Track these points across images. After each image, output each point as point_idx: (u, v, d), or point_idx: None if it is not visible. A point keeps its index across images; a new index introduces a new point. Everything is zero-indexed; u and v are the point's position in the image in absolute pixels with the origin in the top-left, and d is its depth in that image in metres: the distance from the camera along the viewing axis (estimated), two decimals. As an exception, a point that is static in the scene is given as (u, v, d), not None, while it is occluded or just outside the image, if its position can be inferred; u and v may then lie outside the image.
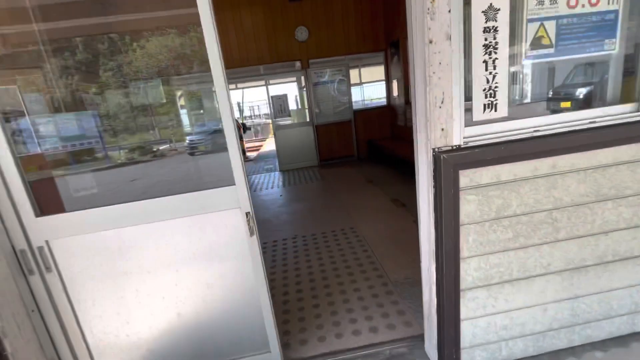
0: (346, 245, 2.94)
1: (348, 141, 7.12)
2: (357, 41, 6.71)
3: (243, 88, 10.17)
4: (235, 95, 12.36)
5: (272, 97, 6.69)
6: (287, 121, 6.98)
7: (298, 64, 6.81)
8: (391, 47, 6.50)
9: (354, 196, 4.40)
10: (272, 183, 5.93)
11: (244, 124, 9.74)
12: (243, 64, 6.55)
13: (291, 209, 4.25)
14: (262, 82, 7.01)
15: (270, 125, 6.77)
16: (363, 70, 7.39)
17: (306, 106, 6.94)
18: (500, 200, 1.34)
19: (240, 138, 9.51)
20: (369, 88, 7.60)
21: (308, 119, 6.89)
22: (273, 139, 6.87)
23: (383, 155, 6.90)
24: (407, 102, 6.18)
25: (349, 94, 6.61)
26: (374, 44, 6.78)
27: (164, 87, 2.67)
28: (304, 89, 6.87)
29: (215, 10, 1.31)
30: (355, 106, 6.95)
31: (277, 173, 6.84)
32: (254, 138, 17.14)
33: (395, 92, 6.72)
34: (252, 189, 5.67)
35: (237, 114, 14.46)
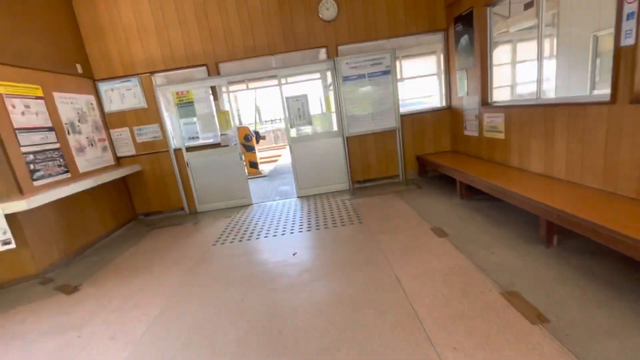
0: None
1: (391, 157, 5.19)
2: (406, 19, 4.78)
3: (256, 88, 8.51)
4: (247, 96, 10.65)
5: (287, 98, 4.91)
6: (307, 130, 5.18)
7: (323, 52, 4.99)
8: (456, 24, 4.51)
9: (421, 273, 2.47)
10: (285, 221, 4.12)
11: (257, 133, 8.05)
12: (248, 54, 4.81)
13: (307, 297, 2.39)
14: (275, 80, 5.26)
15: (287, 136, 4.99)
16: (412, 60, 5.45)
17: (333, 110, 5.10)
18: None
19: (250, 149, 7.81)
20: (419, 84, 5.65)
21: (336, 128, 5.04)
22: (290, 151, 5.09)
23: (442, 178, 4.92)
24: (486, 103, 4.16)
25: (395, 93, 4.68)
26: (430, 22, 4.82)
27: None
28: (331, 87, 5.04)
29: None
30: (402, 109, 5.01)
31: (294, 201, 5.03)
32: (274, 145, 15.52)
33: (457, 90, 4.71)
34: (253, 232, 3.88)
35: (250, 120, 12.85)
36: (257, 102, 9.55)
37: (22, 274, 3.32)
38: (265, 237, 3.68)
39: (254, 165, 7.84)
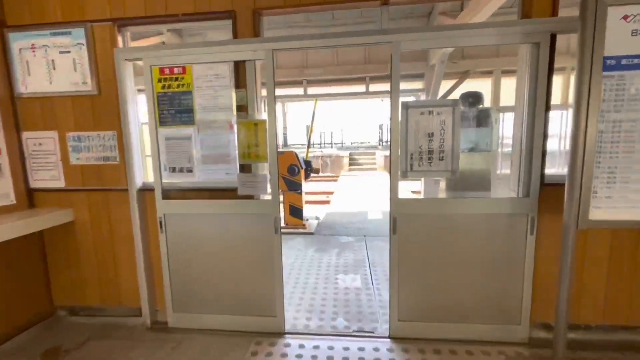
0: None
1: (651, 284, 2.02)
2: None
3: (316, 95, 5.76)
4: (302, 109, 7.74)
5: (407, 107, 2.03)
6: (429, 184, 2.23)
7: None
8: None
9: None
10: None
11: (307, 163, 5.27)
12: (330, -5, 2.06)
13: None
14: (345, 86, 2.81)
15: (389, 196, 1.92)
16: None
17: (536, 146, 2.10)
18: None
19: (294, 187, 4.68)
20: None
21: (522, 192, 2.02)
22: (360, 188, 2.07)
23: None
24: None
25: None
26: None
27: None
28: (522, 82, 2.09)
29: None
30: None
31: (386, 356, 2.02)
32: (321, 175, 12.79)
33: None
34: None
35: (298, 142, 10.19)
36: (313, 116, 6.86)
37: None
38: None
39: (296, 212, 5.01)
